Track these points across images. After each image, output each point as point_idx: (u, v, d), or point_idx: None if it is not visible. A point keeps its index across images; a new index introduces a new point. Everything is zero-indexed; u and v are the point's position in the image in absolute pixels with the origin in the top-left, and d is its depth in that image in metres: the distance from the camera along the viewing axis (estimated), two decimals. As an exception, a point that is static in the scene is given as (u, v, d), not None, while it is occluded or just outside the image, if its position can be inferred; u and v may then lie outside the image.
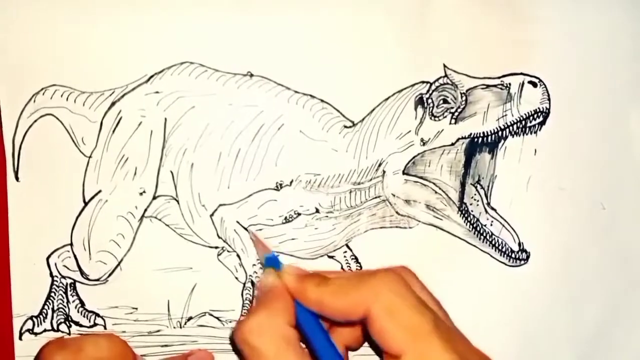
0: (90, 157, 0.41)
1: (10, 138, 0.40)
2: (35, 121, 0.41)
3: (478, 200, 0.44)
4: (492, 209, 0.44)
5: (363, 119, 0.43)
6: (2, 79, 0.40)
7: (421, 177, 0.44)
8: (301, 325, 0.35)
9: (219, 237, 0.42)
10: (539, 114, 0.43)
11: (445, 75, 0.43)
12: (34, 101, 0.40)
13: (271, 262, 0.38)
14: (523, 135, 0.44)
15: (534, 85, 0.43)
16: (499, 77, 0.43)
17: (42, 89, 0.40)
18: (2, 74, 0.40)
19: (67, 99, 0.41)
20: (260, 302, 0.36)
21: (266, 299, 0.36)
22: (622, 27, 0.44)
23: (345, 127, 0.43)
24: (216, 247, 0.43)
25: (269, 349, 0.33)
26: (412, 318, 0.33)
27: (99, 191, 0.41)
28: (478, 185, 0.44)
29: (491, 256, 0.44)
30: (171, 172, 0.42)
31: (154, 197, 0.42)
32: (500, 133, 0.43)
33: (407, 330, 0.32)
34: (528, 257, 0.44)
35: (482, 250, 0.44)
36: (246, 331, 0.34)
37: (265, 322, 0.34)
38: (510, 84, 0.43)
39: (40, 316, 0.41)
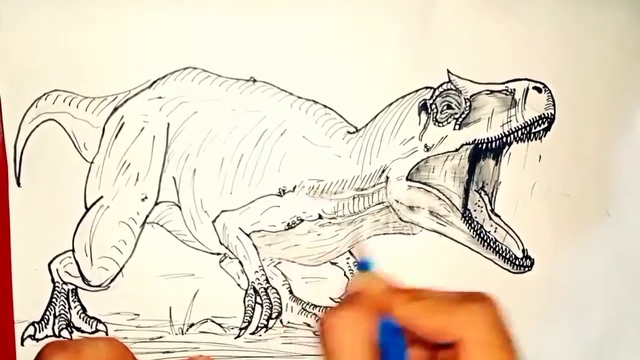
0: (92, 162, 0.41)
1: (12, 143, 0.40)
2: (37, 126, 0.40)
3: (482, 207, 0.44)
4: (496, 215, 0.44)
5: (366, 125, 0.42)
6: (4, 83, 0.40)
7: (425, 183, 0.43)
8: (383, 340, 0.34)
9: (221, 243, 0.42)
10: (544, 119, 0.43)
11: (449, 81, 0.43)
12: (36, 106, 0.40)
13: (363, 265, 0.38)
14: (528, 141, 0.43)
15: (539, 90, 0.43)
16: (503, 83, 0.43)
17: (44, 94, 0.40)
18: (4, 78, 0.40)
19: (69, 104, 0.40)
20: (353, 299, 0.35)
21: (358, 298, 0.35)
22: (627, 31, 0.44)
23: (349, 132, 0.42)
24: (218, 254, 0.42)
25: (354, 345, 0.33)
26: (504, 356, 0.32)
27: (101, 197, 0.41)
28: (482, 192, 0.44)
29: (495, 263, 0.44)
30: (173, 178, 0.42)
31: (156, 203, 0.42)
32: (504, 139, 0.43)
33: None
34: (532, 263, 0.44)
35: (485, 256, 0.44)
36: (338, 321, 0.33)
37: (356, 320, 0.33)
38: (514, 89, 0.43)
39: (42, 322, 0.41)
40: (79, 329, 0.42)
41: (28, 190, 0.41)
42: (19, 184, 0.41)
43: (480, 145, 0.43)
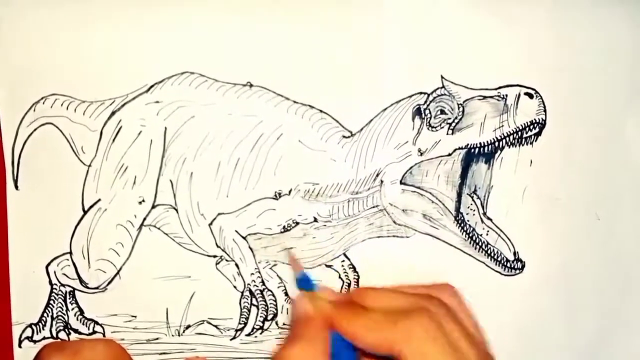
0: (89, 166, 0.41)
1: (10, 146, 0.41)
2: (35, 130, 0.41)
3: (474, 210, 0.45)
4: (488, 218, 0.45)
5: (361, 129, 0.43)
6: (3, 87, 0.40)
7: (418, 187, 0.44)
8: (335, 353, 0.35)
9: (218, 246, 0.43)
10: (535, 124, 0.44)
11: (443, 87, 0.43)
12: (34, 110, 0.41)
13: (303, 283, 0.39)
14: (519, 146, 0.44)
15: (530, 96, 0.44)
16: (495, 89, 0.44)
17: (42, 98, 0.41)
18: (3, 82, 0.40)
19: (67, 108, 0.41)
20: (296, 331, 0.36)
21: (301, 327, 0.36)
22: (618, 37, 0.45)
23: (344, 137, 0.43)
24: (215, 256, 0.43)
25: None
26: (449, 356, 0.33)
27: (99, 200, 0.41)
28: (474, 195, 0.45)
29: (487, 265, 0.45)
30: (170, 181, 0.42)
31: (153, 206, 0.42)
32: (496, 144, 0.44)
33: None
34: (523, 266, 0.45)
35: (477, 259, 0.44)
36: (284, 356, 0.34)
37: (301, 354, 0.34)
38: (507, 95, 0.44)
39: (40, 324, 0.42)
40: (76, 331, 0.42)
41: (26, 193, 0.41)
42: (16, 187, 0.41)
43: (472, 150, 0.44)
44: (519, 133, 0.44)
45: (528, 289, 0.45)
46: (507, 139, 0.44)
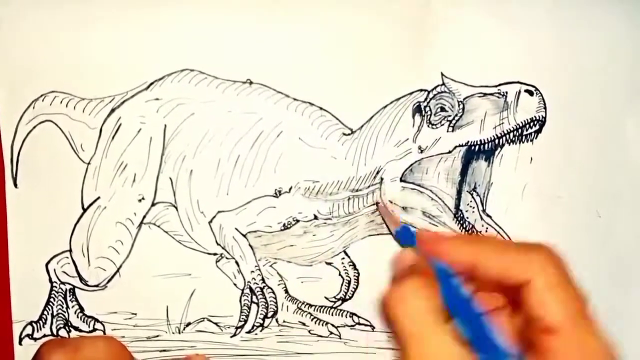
0: (89, 163, 0.41)
1: (9, 144, 0.40)
2: (35, 127, 0.41)
3: (474, 207, 0.45)
4: (488, 215, 0.45)
5: (362, 127, 0.43)
6: (2, 85, 0.40)
7: (418, 185, 0.44)
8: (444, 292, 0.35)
9: (218, 243, 0.43)
10: (535, 122, 0.44)
11: (443, 84, 0.43)
12: (33, 107, 0.40)
13: (403, 238, 0.39)
14: (519, 143, 0.44)
15: (531, 93, 0.44)
16: (496, 86, 0.44)
17: (41, 96, 0.40)
18: (2, 80, 0.40)
19: (66, 106, 0.41)
20: (409, 273, 0.35)
21: (413, 271, 0.35)
22: (619, 35, 0.45)
23: (344, 134, 0.43)
24: (215, 254, 0.43)
25: (427, 314, 0.33)
26: (574, 297, 0.33)
27: (98, 197, 0.41)
28: (474, 193, 0.45)
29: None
30: (170, 179, 0.42)
31: (153, 204, 0.42)
32: (497, 141, 0.44)
33: (568, 308, 0.33)
34: (523, 263, 0.45)
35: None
36: (404, 294, 0.33)
37: (422, 288, 0.34)
38: (507, 92, 0.44)
39: (40, 321, 0.42)
40: (76, 328, 0.42)
41: (25, 191, 0.41)
42: (16, 185, 0.41)
43: (472, 147, 0.44)
44: (519, 130, 0.44)
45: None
46: (508, 136, 0.44)
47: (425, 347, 0.33)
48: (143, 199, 0.42)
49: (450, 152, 0.44)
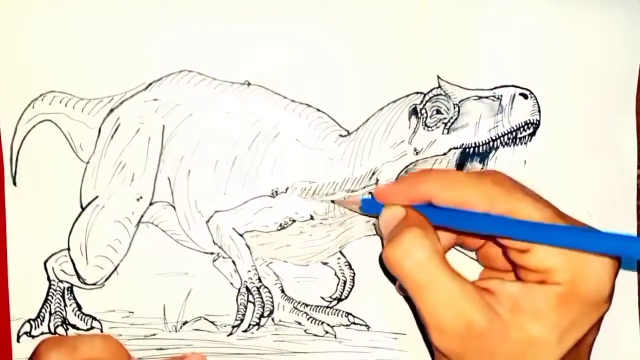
0: (88, 163, 0.42)
1: (9, 143, 0.41)
2: (34, 127, 0.41)
3: (468, 209, 0.45)
4: (483, 217, 0.45)
5: (358, 128, 0.43)
6: (1, 84, 0.40)
7: (414, 186, 0.44)
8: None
9: (215, 243, 0.43)
10: (529, 125, 0.44)
11: (439, 87, 0.44)
12: (33, 107, 0.41)
13: (370, 204, 0.41)
14: (514, 145, 0.45)
15: (525, 97, 0.44)
16: (491, 89, 0.44)
17: (40, 95, 0.41)
18: (1, 80, 0.40)
19: (65, 105, 0.41)
20: (403, 226, 0.37)
21: (407, 222, 0.37)
22: (614, 39, 0.45)
23: (341, 135, 0.43)
24: (212, 253, 0.43)
25: (432, 261, 0.34)
26: (532, 212, 0.35)
27: (96, 197, 0.42)
28: (469, 194, 0.45)
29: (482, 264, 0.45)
30: (168, 179, 0.42)
31: (151, 203, 0.42)
32: (491, 144, 0.44)
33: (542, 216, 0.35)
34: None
35: (473, 259, 0.45)
36: (405, 248, 0.35)
37: (422, 237, 0.35)
38: (502, 95, 0.44)
39: (38, 319, 0.42)
40: (74, 326, 0.42)
41: (24, 190, 0.41)
42: (15, 183, 0.41)
43: (467, 150, 0.44)
44: (514, 133, 0.44)
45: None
46: (502, 139, 0.44)
47: (439, 294, 0.34)
48: (141, 198, 0.42)
49: (445, 154, 0.44)
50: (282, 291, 0.44)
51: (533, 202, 0.36)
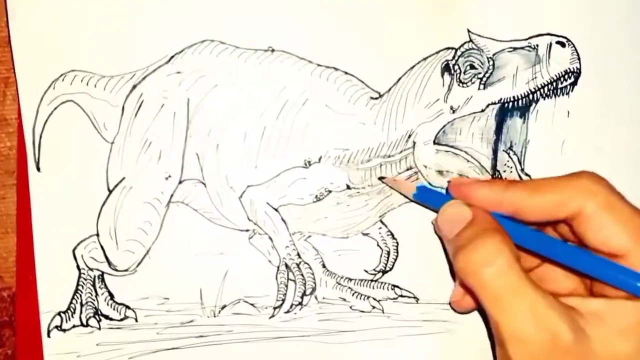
0: (113, 143, 0.40)
1: (31, 127, 0.39)
2: (56, 108, 0.40)
3: (511, 167, 0.43)
4: (527, 175, 0.43)
5: (389, 90, 0.42)
6: (20, 66, 0.39)
7: (452, 146, 0.42)
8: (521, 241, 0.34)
9: (249, 219, 0.41)
10: (570, 74, 0.42)
11: (470, 40, 0.42)
12: (54, 88, 0.39)
13: (425, 195, 0.39)
14: (555, 97, 0.42)
15: (562, 45, 0.42)
16: (525, 39, 0.42)
17: (61, 75, 0.39)
18: (20, 61, 0.39)
19: (87, 84, 0.40)
20: (475, 231, 0.34)
21: (478, 227, 0.34)
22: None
23: (372, 98, 0.42)
24: (247, 230, 0.41)
25: (509, 276, 0.31)
26: (634, 214, 0.31)
27: (123, 178, 0.40)
28: (511, 152, 0.43)
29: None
30: (197, 155, 0.41)
31: (180, 181, 0.40)
32: (531, 96, 0.42)
33: (630, 227, 0.31)
34: (568, 223, 0.43)
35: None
36: (480, 260, 0.32)
37: (497, 248, 0.32)
38: (537, 45, 0.42)
39: (69, 311, 0.40)
40: (107, 317, 0.40)
41: (48, 175, 0.40)
42: (38, 169, 0.40)
43: (506, 104, 0.42)
44: (554, 84, 0.42)
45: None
46: (542, 90, 0.42)
47: (524, 303, 0.31)
48: (170, 176, 0.40)
49: (483, 110, 0.42)
50: (324, 266, 0.41)
51: (631, 204, 0.33)
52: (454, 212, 0.36)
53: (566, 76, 0.42)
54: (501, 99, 0.42)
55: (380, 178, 0.41)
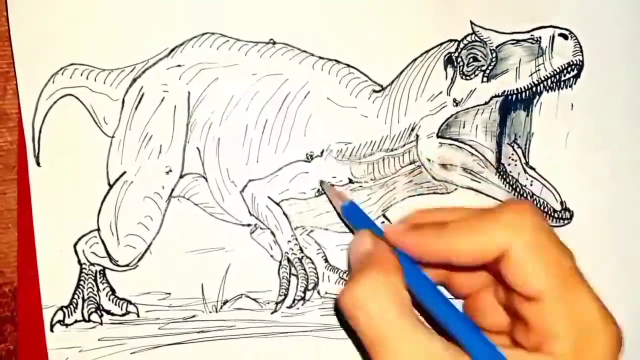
0: (113, 137, 0.40)
1: (30, 121, 0.39)
2: (55, 102, 0.39)
3: (516, 160, 0.43)
4: (531, 168, 0.42)
5: (392, 82, 0.41)
6: (19, 60, 0.39)
7: (456, 140, 0.42)
8: (412, 287, 0.31)
9: (251, 214, 0.41)
10: (573, 66, 0.42)
11: (473, 32, 0.41)
12: (53, 82, 0.39)
13: (350, 212, 0.37)
14: (558, 89, 0.42)
15: (565, 37, 0.42)
16: (528, 32, 0.42)
17: (60, 69, 0.39)
18: (19, 55, 0.39)
19: (87, 78, 0.39)
20: (367, 266, 0.31)
21: (373, 262, 0.31)
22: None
23: (374, 91, 0.41)
24: (249, 225, 0.41)
25: (386, 316, 0.29)
26: (558, 256, 0.29)
27: (124, 172, 0.40)
28: (515, 145, 0.42)
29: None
30: (197, 149, 0.40)
31: (181, 176, 0.40)
32: (534, 89, 0.42)
33: (552, 270, 0.29)
34: (572, 215, 0.42)
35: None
36: (360, 297, 0.29)
37: (380, 287, 0.29)
38: (540, 37, 0.42)
39: (71, 306, 0.39)
40: (108, 312, 0.40)
41: (48, 170, 0.39)
42: (38, 164, 0.39)
43: (510, 97, 0.42)
44: (557, 76, 0.42)
45: (578, 238, 0.42)
46: (545, 83, 0.42)
47: (393, 355, 0.28)
48: (170, 171, 0.40)
49: (486, 103, 0.42)
50: (326, 260, 0.41)
51: (559, 244, 0.31)
52: (357, 241, 0.33)
53: (569, 68, 0.42)
54: (504, 91, 0.42)
55: (321, 182, 0.41)
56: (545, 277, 0.29)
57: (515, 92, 0.42)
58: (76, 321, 0.40)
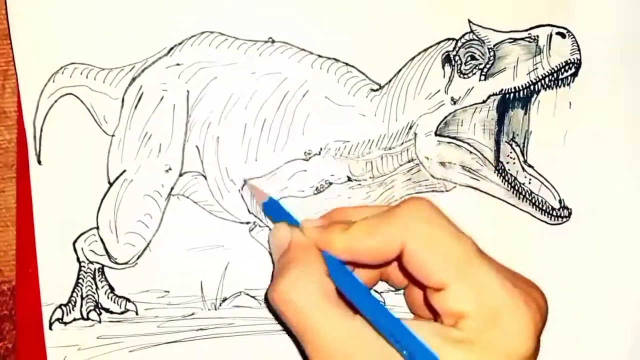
0: (113, 135, 0.40)
1: (31, 121, 0.39)
2: (56, 101, 0.39)
3: (514, 159, 0.43)
4: (530, 166, 0.43)
5: (390, 81, 0.41)
6: (20, 59, 0.39)
7: (454, 138, 0.42)
8: (333, 277, 0.33)
9: (250, 212, 0.41)
10: (570, 65, 0.42)
11: (471, 31, 0.42)
12: (53, 81, 0.39)
13: (271, 208, 0.37)
14: (556, 88, 0.42)
15: (563, 36, 0.42)
16: (525, 30, 0.42)
17: (60, 68, 0.39)
18: (19, 54, 0.39)
19: (87, 77, 0.40)
20: (288, 259, 0.33)
21: (293, 254, 0.33)
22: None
23: (372, 90, 0.41)
24: (247, 223, 0.41)
25: (311, 304, 0.31)
26: (453, 246, 0.31)
27: (124, 171, 0.40)
28: (513, 143, 0.43)
29: (532, 215, 0.42)
30: (197, 147, 0.40)
31: (181, 174, 0.40)
32: (532, 87, 0.42)
33: (449, 260, 0.30)
34: (570, 213, 0.42)
35: (522, 209, 0.42)
36: (284, 290, 0.31)
37: (302, 277, 0.31)
38: (538, 36, 0.42)
39: (69, 304, 0.40)
40: (107, 310, 0.40)
41: (49, 168, 0.39)
42: (39, 162, 0.39)
43: (507, 95, 0.42)
44: (555, 75, 0.42)
45: (577, 236, 0.42)
46: (543, 81, 0.42)
47: (323, 340, 0.30)
48: (170, 169, 0.40)
49: (484, 101, 0.42)
50: (325, 258, 0.41)
51: (455, 234, 0.32)
52: (276, 234, 0.35)
53: (567, 67, 0.42)
54: (502, 90, 0.42)
55: (245, 181, 0.41)
56: (443, 268, 0.31)
57: (513, 90, 0.42)
58: (75, 319, 0.40)
